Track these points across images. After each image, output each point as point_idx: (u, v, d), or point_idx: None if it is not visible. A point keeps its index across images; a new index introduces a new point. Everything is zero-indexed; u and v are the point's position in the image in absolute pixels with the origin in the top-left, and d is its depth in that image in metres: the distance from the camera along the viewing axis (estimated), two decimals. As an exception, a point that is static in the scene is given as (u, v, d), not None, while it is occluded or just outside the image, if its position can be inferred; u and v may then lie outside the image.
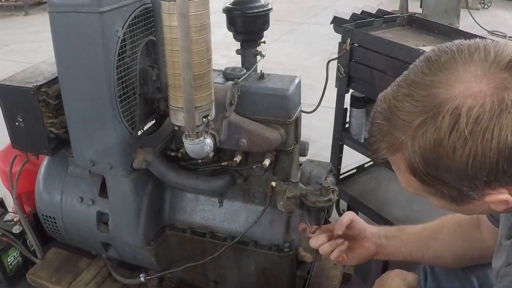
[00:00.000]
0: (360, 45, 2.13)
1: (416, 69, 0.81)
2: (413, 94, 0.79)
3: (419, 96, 0.78)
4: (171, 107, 1.39)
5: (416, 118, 0.77)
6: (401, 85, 0.82)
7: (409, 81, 0.81)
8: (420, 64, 0.82)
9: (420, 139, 0.78)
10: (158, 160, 1.57)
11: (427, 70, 0.79)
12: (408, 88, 0.80)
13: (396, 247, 1.37)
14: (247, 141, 1.49)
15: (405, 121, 0.79)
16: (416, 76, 0.80)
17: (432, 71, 0.78)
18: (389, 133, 0.83)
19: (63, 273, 1.94)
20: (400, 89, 0.82)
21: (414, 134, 0.78)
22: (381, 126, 0.84)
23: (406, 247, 1.36)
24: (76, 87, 1.44)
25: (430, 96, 0.76)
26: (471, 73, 0.75)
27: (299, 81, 1.56)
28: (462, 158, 0.75)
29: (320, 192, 1.47)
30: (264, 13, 1.57)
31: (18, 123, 1.60)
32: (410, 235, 1.36)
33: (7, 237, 1.91)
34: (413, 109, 0.78)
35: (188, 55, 1.18)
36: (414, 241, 1.35)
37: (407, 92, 0.80)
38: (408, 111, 0.79)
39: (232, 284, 1.80)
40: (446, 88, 0.75)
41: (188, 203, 1.74)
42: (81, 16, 1.33)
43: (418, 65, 0.82)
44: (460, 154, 0.74)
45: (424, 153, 0.78)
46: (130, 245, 1.71)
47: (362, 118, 2.34)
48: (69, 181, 1.77)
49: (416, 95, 0.78)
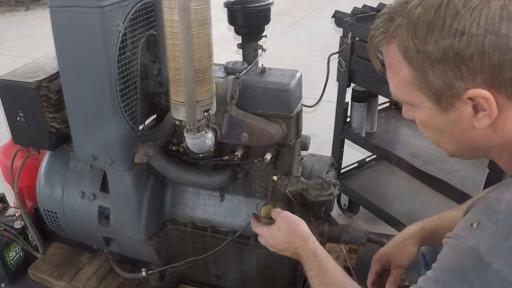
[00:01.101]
0: (361, 40, 2.13)
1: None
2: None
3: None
4: (172, 102, 1.39)
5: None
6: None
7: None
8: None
9: (413, 15, 0.82)
10: (159, 155, 1.57)
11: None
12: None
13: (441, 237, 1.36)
14: (248, 135, 1.49)
15: (404, 4, 0.85)
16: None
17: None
18: (390, 20, 0.87)
19: (65, 268, 1.94)
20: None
21: (409, 13, 0.83)
22: (385, 16, 0.89)
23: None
24: (77, 82, 1.44)
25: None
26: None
27: (300, 76, 1.56)
28: (450, 30, 0.78)
29: (322, 187, 1.47)
30: (265, 7, 1.57)
31: (19, 118, 1.60)
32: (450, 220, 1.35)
33: (9, 232, 1.91)
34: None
35: (189, 50, 1.18)
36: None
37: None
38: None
39: (233, 278, 1.80)
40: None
41: (190, 198, 1.74)
42: (82, 11, 1.33)
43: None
44: (449, 26, 0.78)
45: (416, 26, 0.82)
46: (132, 239, 1.71)
47: (363, 112, 2.34)
48: (71, 176, 1.77)
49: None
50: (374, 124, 2.43)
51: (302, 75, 1.57)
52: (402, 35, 0.84)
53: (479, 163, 2.05)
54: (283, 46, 5.42)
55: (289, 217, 1.30)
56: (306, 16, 6.90)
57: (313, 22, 6.53)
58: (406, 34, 0.83)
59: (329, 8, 4.69)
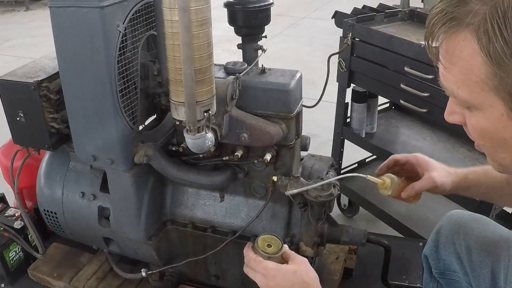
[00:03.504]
0: (361, 40, 2.13)
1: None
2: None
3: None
4: (172, 102, 1.39)
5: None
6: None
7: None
8: None
9: (505, 2, 0.67)
10: (159, 155, 1.57)
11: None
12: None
13: (475, 189, 1.35)
14: (248, 135, 1.49)
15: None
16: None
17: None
18: (461, 4, 0.72)
19: (65, 268, 1.94)
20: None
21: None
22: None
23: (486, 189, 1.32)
24: (77, 82, 1.44)
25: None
26: None
27: (300, 76, 1.55)
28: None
29: (322, 187, 1.47)
30: (265, 7, 1.57)
31: (19, 118, 1.60)
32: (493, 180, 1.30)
33: (9, 232, 1.91)
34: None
35: (189, 50, 1.18)
36: (493, 185, 1.30)
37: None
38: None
39: (233, 278, 1.80)
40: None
41: (190, 198, 1.74)
42: (82, 11, 1.33)
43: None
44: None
45: (505, 15, 0.67)
46: (132, 240, 1.71)
47: (363, 112, 2.34)
48: (70, 176, 1.77)
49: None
50: (374, 124, 2.43)
51: (302, 75, 1.57)
52: (483, 25, 0.69)
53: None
54: (283, 46, 5.42)
55: (308, 266, 1.15)
56: (306, 17, 6.90)
57: (313, 23, 6.53)
58: (491, 24, 0.68)
59: (329, 9, 4.69)
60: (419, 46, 1.87)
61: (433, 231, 1.45)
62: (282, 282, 1.11)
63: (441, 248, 1.41)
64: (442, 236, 1.41)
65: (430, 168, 1.35)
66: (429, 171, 1.35)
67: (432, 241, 1.44)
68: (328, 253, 1.94)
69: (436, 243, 1.43)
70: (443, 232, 1.41)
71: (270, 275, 1.12)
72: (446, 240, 1.39)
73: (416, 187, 1.35)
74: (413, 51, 1.89)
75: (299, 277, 1.12)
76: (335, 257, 1.92)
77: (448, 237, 1.39)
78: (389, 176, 1.37)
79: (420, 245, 1.98)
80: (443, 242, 1.40)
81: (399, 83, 1.98)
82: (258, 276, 1.14)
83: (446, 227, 1.40)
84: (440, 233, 1.42)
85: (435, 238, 1.43)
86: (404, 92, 1.97)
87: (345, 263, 1.93)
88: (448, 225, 1.40)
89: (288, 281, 1.11)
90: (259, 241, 1.18)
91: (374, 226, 2.51)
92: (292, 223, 1.64)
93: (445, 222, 1.42)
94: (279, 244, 1.18)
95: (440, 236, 1.41)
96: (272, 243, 1.19)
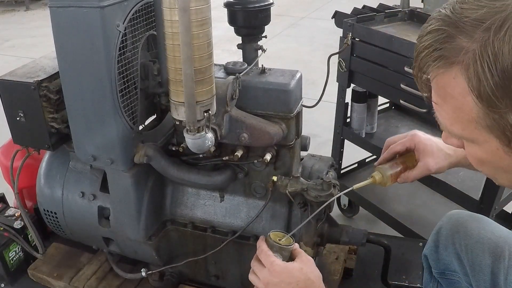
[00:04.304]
0: (361, 40, 2.13)
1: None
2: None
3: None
4: (172, 102, 1.39)
5: (492, 16, 0.64)
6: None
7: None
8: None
9: (495, 43, 0.63)
10: (159, 155, 1.57)
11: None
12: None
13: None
14: (248, 135, 1.49)
15: (475, 22, 0.65)
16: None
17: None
18: (450, 40, 0.68)
19: (65, 268, 1.94)
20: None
21: (486, 37, 0.64)
22: (439, 33, 0.70)
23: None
24: (77, 82, 1.44)
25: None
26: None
27: (300, 76, 1.55)
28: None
29: (322, 187, 1.47)
30: (265, 7, 1.57)
31: (19, 118, 1.60)
32: None
33: (9, 232, 1.91)
34: (489, 9, 0.65)
35: (189, 50, 1.18)
36: None
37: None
38: (480, 11, 0.65)
39: (233, 278, 1.80)
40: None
41: (189, 198, 1.74)
42: (82, 11, 1.33)
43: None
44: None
45: (496, 57, 0.63)
46: (131, 240, 1.71)
47: (363, 112, 2.34)
48: (70, 176, 1.77)
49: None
50: (374, 124, 2.43)
51: (302, 75, 1.57)
52: (473, 65, 0.66)
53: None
54: (283, 46, 5.42)
55: (314, 265, 1.17)
56: (306, 17, 6.90)
57: (313, 23, 6.54)
58: (481, 66, 0.65)
59: (329, 9, 4.69)
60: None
61: (433, 231, 1.45)
62: (286, 279, 1.13)
63: (441, 248, 1.41)
64: (442, 236, 1.40)
65: (427, 154, 1.33)
66: (425, 157, 1.33)
67: (432, 241, 1.44)
68: (328, 253, 1.94)
69: (436, 243, 1.43)
70: (443, 232, 1.40)
71: (276, 271, 1.14)
72: (446, 240, 1.39)
73: (411, 176, 1.35)
74: (413, 51, 1.89)
75: (304, 274, 1.14)
76: (335, 257, 1.92)
77: (448, 237, 1.39)
78: (379, 169, 1.36)
79: (420, 245, 1.98)
80: (443, 242, 1.40)
81: (399, 83, 1.98)
82: (264, 271, 1.16)
83: (446, 227, 1.40)
84: (440, 233, 1.42)
85: (435, 238, 1.43)
86: (404, 92, 1.97)
87: (345, 263, 1.93)
88: (448, 225, 1.40)
89: (293, 278, 1.13)
90: (271, 235, 1.22)
91: (374, 226, 2.51)
92: (292, 223, 1.64)
93: (445, 222, 1.42)
94: (290, 240, 1.23)
95: (440, 236, 1.41)
96: (283, 238, 1.23)
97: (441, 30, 0.70)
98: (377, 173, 1.36)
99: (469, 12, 0.66)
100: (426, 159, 1.33)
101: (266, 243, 1.20)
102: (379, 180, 1.35)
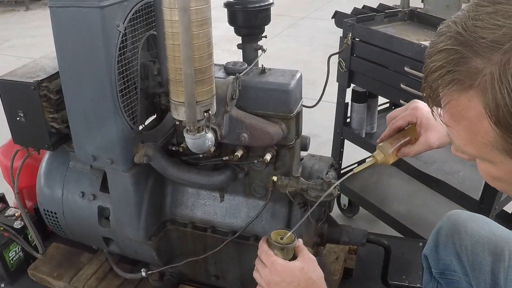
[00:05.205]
0: (361, 40, 2.13)
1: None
2: (502, 10, 0.61)
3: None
4: (172, 102, 1.39)
5: (509, 40, 0.59)
6: (481, 3, 0.64)
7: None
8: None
9: (510, 64, 0.59)
10: (159, 155, 1.57)
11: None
12: (493, 5, 0.62)
13: None
14: (248, 135, 1.49)
15: (493, 44, 0.61)
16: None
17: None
18: (464, 62, 0.63)
19: (65, 268, 1.94)
20: (480, 8, 0.63)
21: (506, 59, 0.59)
22: (451, 53, 0.65)
23: None
24: (77, 82, 1.44)
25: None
26: None
27: (300, 76, 1.55)
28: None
29: (322, 187, 1.47)
30: (265, 7, 1.57)
31: (19, 118, 1.60)
32: None
33: (9, 232, 1.91)
34: (508, 29, 0.60)
35: (189, 50, 1.18)
36: None
37: (492, 10, 0.62)
38: (496, 31, 0.60)
39: (233, 278, 1.80)
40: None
41: (189, 198, 1.74)
42: (82, 11, 1.33)
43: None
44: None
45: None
46: (131, 240, 1.71)
47: (363, 112, 2.34)
48: (70, 176, 1.77)
49: (508, 11, 0.61)
50: (374, 124, 2.43)
51: (302, 75, 1.57)
52: (491, 90, 0.61)
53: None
54: (283, 46, 5.42)
55: (315, 265, 1.17)
56: (306, 17, 6.90)
57: (313, 23, 6.54)
58: (499, 91, 0.60)
59: (329, 9, 4.69)
60: (419, 46, 1.87)
61: (433, 231, 1.45)
62: (288, 278, 1.13)
63: (441, 248, 1.41)
64: (442, 236, 1.41)
65: (430, 128, 1.29)
66: (427, 131, 1.29)
67: (432, 241, 1.44)
68: (328, 253, 1.94)
69: (436, 243, 1.43)
70: (443, 232, 1.40)
71: (277, 270, 1.14)
72: (446, 240, 1.39)
73: (412, 152, 1.31)
74: (413, 51, 1.89)
75: (305, 274, 1.14)
76: (335, 257, 1.92)
77: (448, 237, 1.39)
78: (380, 148, 1.33)
79: (420, 245, 1.98)
80: (443, 242, 1.40)
81: (399, 83, 1.98)
82: (266, 270, 1.16)
83: (446, 227, 1.40)
84: (440, 233, 1.42)
85: (435, 238, 1.43)
86: (404, 92, 1.97)
87: (345, 263, 1.93)
88: (448, 225, 1.40)
89: (294, 278, 1.13)
90: (272, 234, 1.22)
91: (374, 226, 2.51)
92: (292, 223, 1.64)
93: (445, 222, 1.42)
94: (292, 237, 1.22)
95: (440, 236, 1.41)
96: (285, 236, 1.22)
97: (454, 50, 0.65)
98: (378, 153, 1.32)
99: (485, 32, 0.62)
100: (428, 134, 1.29)
101: (267, 243, 1.21)
102: (381, 160, 1.31)
